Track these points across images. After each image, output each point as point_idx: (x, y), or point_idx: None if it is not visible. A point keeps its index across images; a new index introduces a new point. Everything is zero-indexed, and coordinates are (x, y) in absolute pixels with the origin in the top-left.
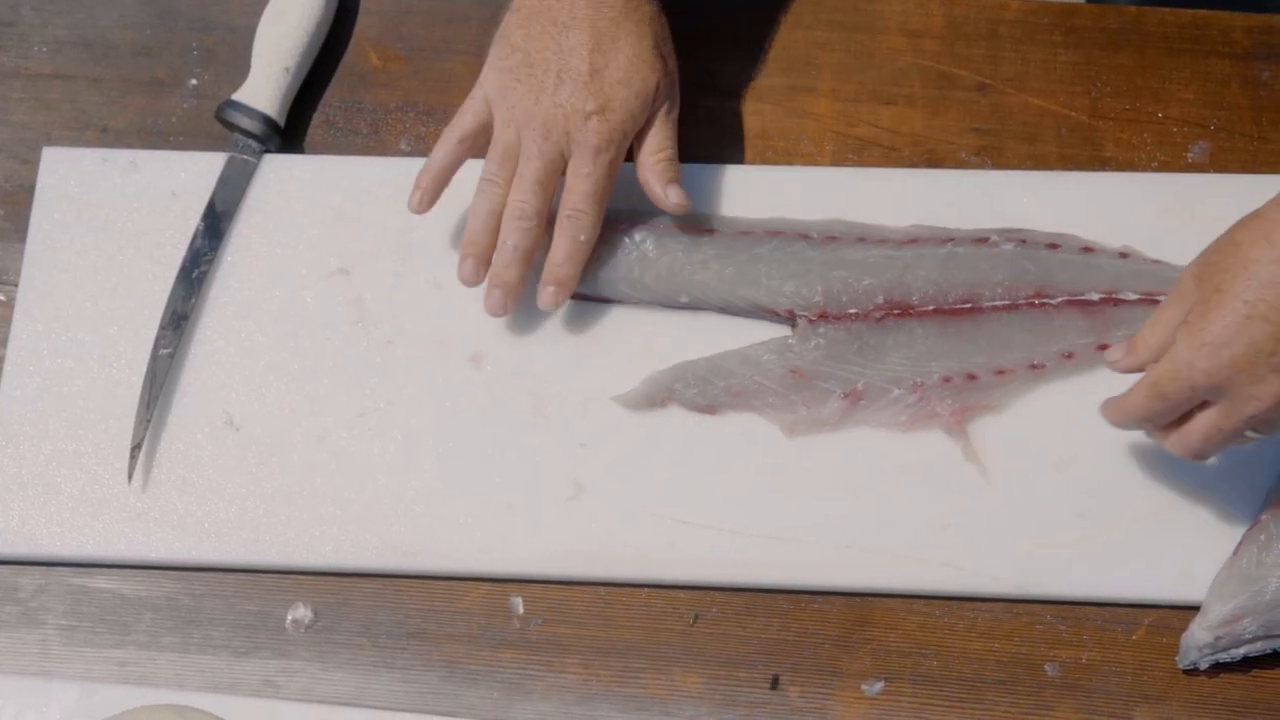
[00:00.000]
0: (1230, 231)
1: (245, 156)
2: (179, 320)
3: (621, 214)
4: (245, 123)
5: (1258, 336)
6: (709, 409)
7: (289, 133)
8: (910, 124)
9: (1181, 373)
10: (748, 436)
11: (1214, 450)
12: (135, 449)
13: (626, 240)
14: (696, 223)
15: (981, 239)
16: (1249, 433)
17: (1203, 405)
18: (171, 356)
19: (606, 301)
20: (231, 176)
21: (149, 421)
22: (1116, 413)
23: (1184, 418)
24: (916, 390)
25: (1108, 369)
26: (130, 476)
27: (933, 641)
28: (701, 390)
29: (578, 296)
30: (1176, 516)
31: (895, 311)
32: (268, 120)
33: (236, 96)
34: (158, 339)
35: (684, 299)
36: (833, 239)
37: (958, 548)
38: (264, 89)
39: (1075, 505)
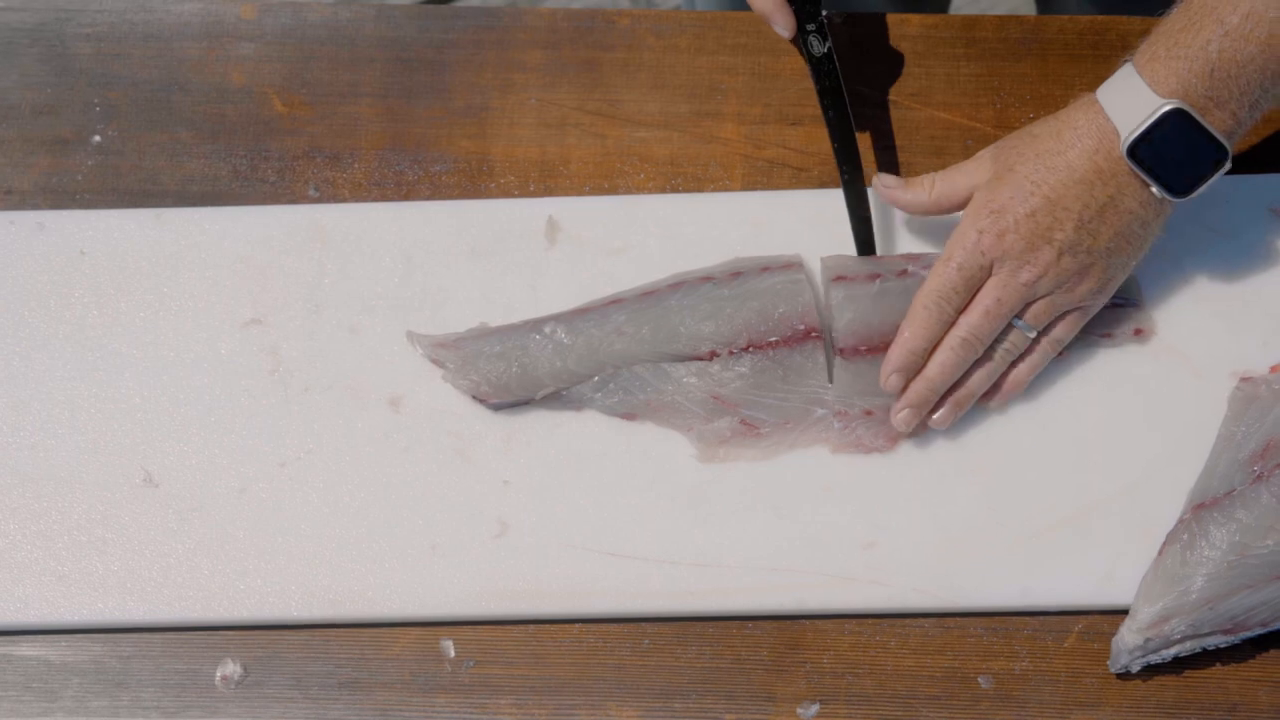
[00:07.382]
0: (1030, 125)
1: None
2: None
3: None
4: None
5: (1038, 210)
6: (629, 416)
7: (193, 185)
8: (818, 143)
9: (970, 238)
10: (671, 467)
11: (986, 335)
12: None
13: (537, 337)
14: (598, 298)
15: (901, 271)
16: (1019, 322)
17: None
18: None
19: (531, 403)
20: None
21: None
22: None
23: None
24: (841, 418)
25: None
26: None
27: (865, 660)
28: (622, 399)
29: (505, 408)
30: (1098, 520)
31: (814, 334)
32: None
33: None
34: None
35: (609, 370)
36: (737, 274)
37: (884, 565)
38: None
39: (995, 515)
